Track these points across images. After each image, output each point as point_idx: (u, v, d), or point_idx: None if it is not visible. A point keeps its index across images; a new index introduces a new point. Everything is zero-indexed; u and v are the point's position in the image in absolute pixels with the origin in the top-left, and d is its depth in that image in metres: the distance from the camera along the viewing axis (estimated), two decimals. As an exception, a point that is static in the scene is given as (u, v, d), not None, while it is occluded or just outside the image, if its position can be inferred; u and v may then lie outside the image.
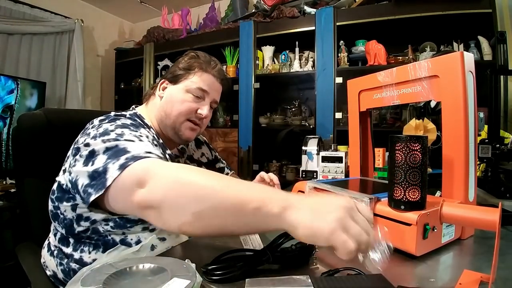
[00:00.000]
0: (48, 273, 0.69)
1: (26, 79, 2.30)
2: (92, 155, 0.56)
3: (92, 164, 0.54)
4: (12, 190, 1.92)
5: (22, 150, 0.84)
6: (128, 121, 0.67)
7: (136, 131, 0.63)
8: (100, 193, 0.50)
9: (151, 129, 0.77)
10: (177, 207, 0.44)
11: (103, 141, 0.57)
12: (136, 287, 0.37)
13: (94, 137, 0.59)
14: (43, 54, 2.62)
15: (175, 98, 0.79)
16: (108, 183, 0.50)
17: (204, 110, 0.80)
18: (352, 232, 0.36)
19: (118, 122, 0.65)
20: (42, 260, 0.72)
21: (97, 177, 0.52)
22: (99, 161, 0.54)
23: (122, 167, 0.50)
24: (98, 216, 0.62)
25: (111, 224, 0.63)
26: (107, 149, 0.55)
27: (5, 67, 2.37)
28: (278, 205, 0.39)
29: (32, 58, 2.55)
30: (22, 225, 0.87)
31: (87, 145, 0.58)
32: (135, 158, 0.51)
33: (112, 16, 3.33)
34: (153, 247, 0.64)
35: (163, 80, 0.83)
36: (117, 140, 0.57)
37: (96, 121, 0.67)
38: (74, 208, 0.63)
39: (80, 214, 0.63)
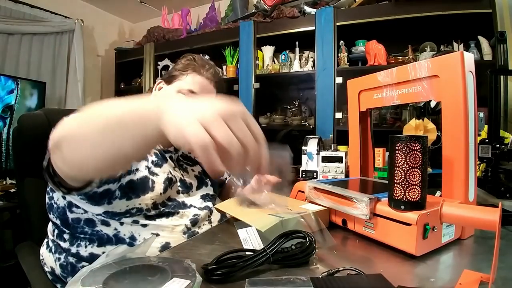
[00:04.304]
0: (46, 269, 0.72)
1: (26, 79, 2.30)
2: None
3: None
4: (12, 190, 1.92)
5: (23, 150, 0.84)
6: None
7: None
8: (48, 155, 0.50)
9: None
10: (71, 136, 0.43)
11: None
12: (136, 287, 0.37)
13: None
14: (43, 54, 2.62)
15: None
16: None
17: None
18: (215, 131, 0.31)
19: None
20: (40, 258, 0.74)
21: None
22: None
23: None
24: (83, 204, 0.66)
25: (101, 216, 0.67)
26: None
27: (5, 67, 2.37)
28: (156, 105, 0.36)
29: (32, 58, 2.55)
30: (22, 225, 0.88)
31: None
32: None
33: (112, 16, 3.33)
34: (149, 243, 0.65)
35: (160, 80, 0.88)
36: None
37: None
38: (64, 196, 0.68)
39: (70, 202, 0.67)
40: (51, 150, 0.47)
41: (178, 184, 0.79)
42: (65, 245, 0.69)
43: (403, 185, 0.51)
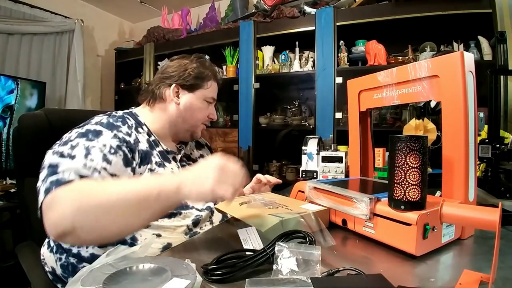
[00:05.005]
0: (47, 269, 0.72)
1: (26, 79, 2.30)
2: (42, 168, 0.62)
3: (40, 176, 0.61)
4: (12, 190, 1.92)
5: (23, 150, 0.84)
6: (92, 127, 0.69)
7: (92, 140, 0.66)
8: (39, 212, 0.56)
9: (143, 127, 0.80)
10: (90, 225, 0.50)
11: (52, 153, 0.62)
12: (136, 287, 0.37)
13: (53, 146, 0.66)
14: (43, 54, 2.62)
15: (195, 107, 0.86)
16: (39, 205, 0.56)
17: (215, 114, 0.92)
18: (229, 182, 0.51)
19: (82, 130, 0.68)
20: (41, 257, 0.74)
21: (37, 194, 0.58)
22: (41, 175, 0.60)
23: (46, 192, 0.55)
24: None
25: None
26: (49, 166, 0.60)
27: (5, 67, 2.36)
28: (173, 185, 0.51)
29: (32, 58, 2.54)
30: (22, 225, 0.88)
31: (46, 153, 0.64)
32: (58, 183, 0.56)
33: (112, 16, 3.32)
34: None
35: (175, 85, 0.84)
36: (62, 157, 0.61)
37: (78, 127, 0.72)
38: None
39: None
40: (56, 237, 0.53)
41: None
42: (66, 245, 0.69)
43: (403, 185, 0.51)
